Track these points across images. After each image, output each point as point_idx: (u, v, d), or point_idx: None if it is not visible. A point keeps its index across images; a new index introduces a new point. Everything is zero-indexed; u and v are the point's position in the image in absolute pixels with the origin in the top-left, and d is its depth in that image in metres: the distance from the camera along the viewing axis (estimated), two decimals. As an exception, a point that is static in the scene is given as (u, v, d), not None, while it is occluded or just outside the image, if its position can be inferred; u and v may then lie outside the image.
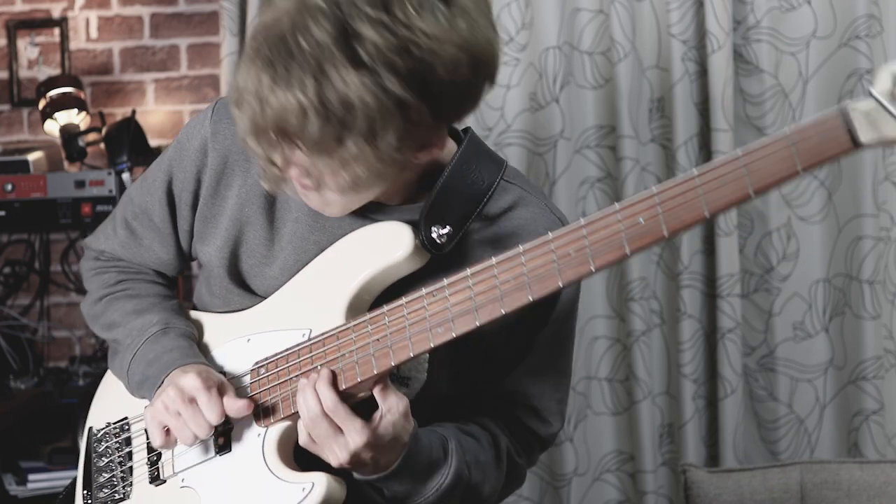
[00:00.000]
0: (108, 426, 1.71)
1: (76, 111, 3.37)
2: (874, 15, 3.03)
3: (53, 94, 3.37)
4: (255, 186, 1.60)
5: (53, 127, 3.38)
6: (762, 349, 3.15)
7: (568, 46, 3.13)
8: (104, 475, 1.66)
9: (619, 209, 1.31)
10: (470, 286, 1.38)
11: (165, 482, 1.59)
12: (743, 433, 3.09)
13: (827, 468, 2.45)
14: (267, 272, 1.61)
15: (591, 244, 1.32)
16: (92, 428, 1.74)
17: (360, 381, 1.43)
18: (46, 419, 3.25)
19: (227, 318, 1.65)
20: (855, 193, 3.07)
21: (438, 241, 1.48)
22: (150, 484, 1.60)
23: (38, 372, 3.39)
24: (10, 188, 3.17)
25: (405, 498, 1.52)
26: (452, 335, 1.39)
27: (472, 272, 1.39)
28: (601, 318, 3.16)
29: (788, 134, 1.25)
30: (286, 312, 1.56)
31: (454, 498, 1.53)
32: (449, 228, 1.48)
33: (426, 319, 1.40)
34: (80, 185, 3.19)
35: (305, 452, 1.48)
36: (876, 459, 2.88)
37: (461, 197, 1.51)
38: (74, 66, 3.60)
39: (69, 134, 3.33)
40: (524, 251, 1.36)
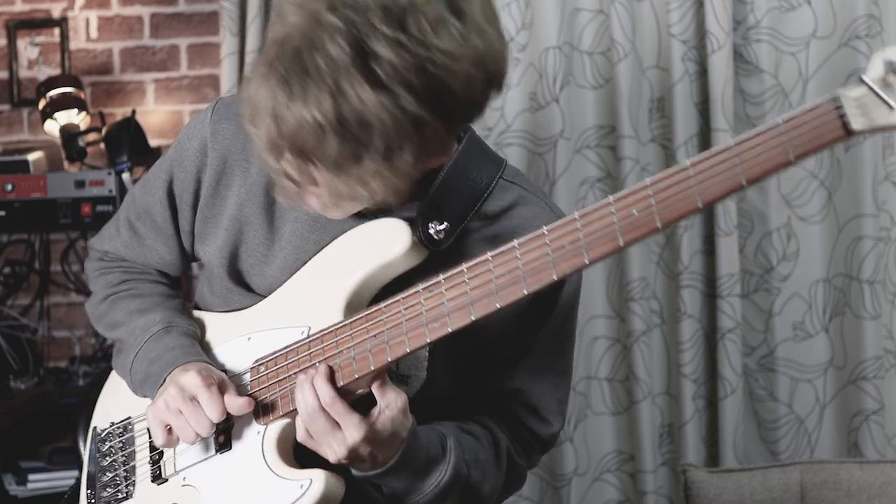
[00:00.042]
0: (111, 426, 1.72)
1: (76, 111, 3.36)
2: (874, 15, 3.03)
3: (53, 94, 3.37)
4: (254, 186, 1.60)
5: (53, 127, 3.38)
6: (762, 349, 3.15)
7: (568, 46, 3.13)
8: (107, 474, 1.67)
9: (612, 201, 1.32)
10: (466, 281, 1.39)
11: (167, 481, 1.59)
12: (743, 433, 3.08)
13: (827, 468, 2.45)
14: (266, 271, 1.61)
15: (585, 236, 1.33)
16: (96, 428, 1.75)
17: (357, 377, 1.43)
18: (46, 419, 3.25)
19: (228, 317, 1.66)
20: (855, 193, 3.07)
21: (436, 237, 1.49)
22: (151, 483, 1.61)
23: (38, 372, 3.39)
24: (10, 188, 3.17)
25: (403, 495, 1.52)
26: (448, 330, 1.39)
27: (467, 267, 1.40)
28: (601, 318, 3.16)
29: (780, 123, 1.25)
30: (286, 310, 1.57)
31: (453, 496, 1.54)
32: (446, 224, 1.49)
33: (422, 315, 1.41)
34: (80, 185, 3.19)
35: (306, 451, 1.49)
36: (876, 459, 2.88)
37: (459, 195, 1.51)
38: (74, 66, 3.60)
39: (69, 134, 3.32)
40: (519, 245, 1.37)
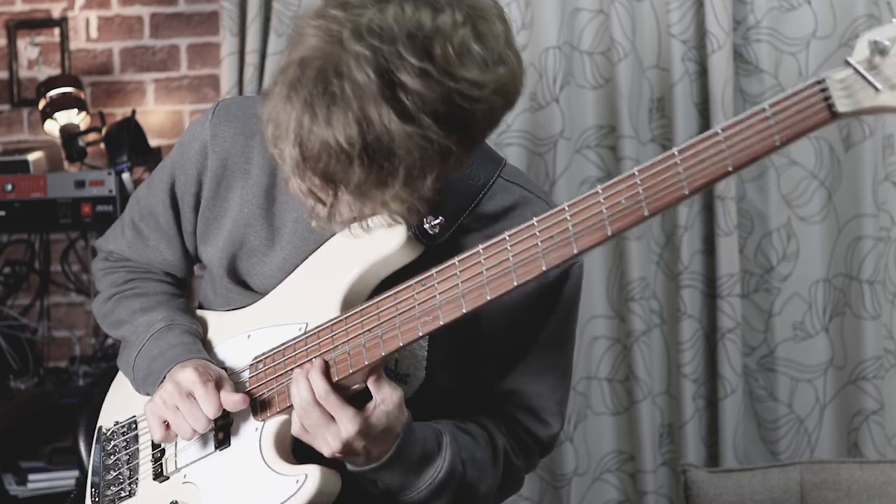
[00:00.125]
0: (115, 425, 1.73)
1: (76, 111, 3.36)
2: (874, 15, 3.03)
3: (53, 94, 3.37)
4: (254, 188, 1.60)
5: (53, 127, 3.38)
6: (762, 349, 3.15)
7: (568, 46, 3.13)
8: (112, 473, 1.68)
9: (600, 190, 1.33)
10: (457, 274, 1.40)
11: (168, 478, 1.60)
12: (743, 433, 3.08)
13: (827, 468, 2.45)
14: (266, 271, 1.61)
15: (573, 226, 1.33)
16: (101, 427, 1.76)
17: (352, 371, 1.44)
18: (46, 419, 3.25)
19: (228, 315, 1.67)
20: (855, 193, 3.07)
21: (430, 231, 1.49)
22: (153, 480, 1.62)
23: (38, 372, 3.39)
24: (10, 188, 3.17)
25: (398, 491, 1.52)
26: (440, 323, 1.40)
27: (459, 260, 1.40)
28: (601, 318, 3.16)
29: (766, 107, 1.25)
30: (284, 308, 1.57)
31: (448, 493, 1.54)
32: (440, 218, 1.49)
33: (415, 308, 1.42)
34: (80, 185, 3.19)
35: (306, 448, 1.49)
36: (876, 459, 2.88)
37: (456, 192, 1.51)
38: (74, 66, 3.60)
39: (69, 134, 3.32)
40: (509, 237, 1.37)
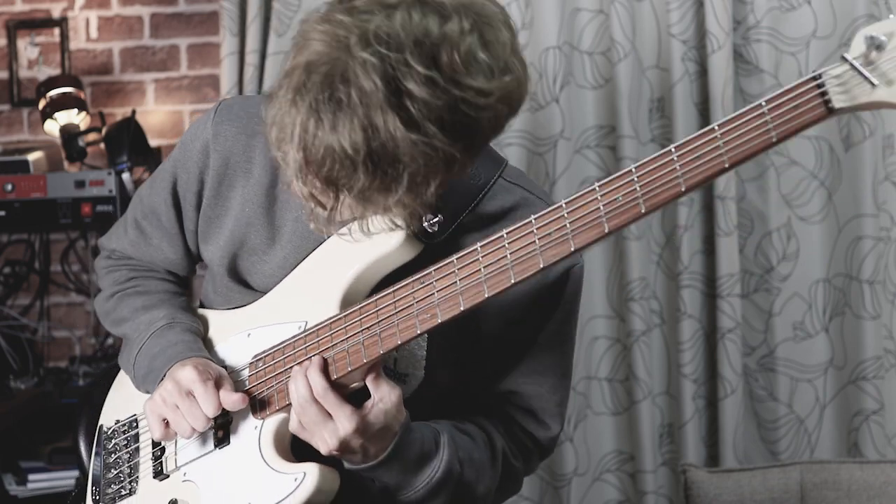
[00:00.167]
0: (116, 423, 1.73)
1: (76, 111, 3.36)
2: (874, 15, 3.03)
3: (53, 94, 3.37)
4: (256, 187, 1.61)
5: (53, 127, 3.38)
6: (762, 349, 3.15)
7: (568, 46, 3.13)
8: (112, 471, 1.68)
9: (598, 188, 1.33)
10: (455, 272, 1.40)
11: (168, 476, 1.60)
12: (743, 433, 3.08)
13: (827, 468, 2.45)
14: (266, 269, 1.62)
15: (570, 224, 1.34)
16: (102, 426, 1.76)
17: (350, 369, 1.44)
18: (46, 419, 3.25)
19: (229, 314, 1.67)
20: (855, 193, 3.07)
21: (429, 229, 1.49)
22: (154, 478, 1.62)
23: (38, 372, 3.39)
24: (10, 188, 3.17)
25: (396, 490, 1.52)
26: (438, 321, 1.40)
27: (457, 258, 1.40)
28: (601, 318, 3.16)
29: (762, 104, 1.25)
30: (284, 306, 1.57)
31: (445, 493, 1.54)
32: (440, 217, 1.49)
33: (413, 306, 1.42)
34: (80, 185, 3.19)
35: (304, 447, 1.49)
36: (876, 459, 2.88)
37: (456, 191, 1.51)
38: (74, 66, 3.60)
39: (69, 134, 3.33)
40: (507, 234, 1.38)
